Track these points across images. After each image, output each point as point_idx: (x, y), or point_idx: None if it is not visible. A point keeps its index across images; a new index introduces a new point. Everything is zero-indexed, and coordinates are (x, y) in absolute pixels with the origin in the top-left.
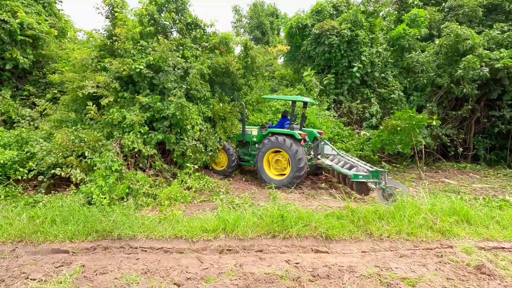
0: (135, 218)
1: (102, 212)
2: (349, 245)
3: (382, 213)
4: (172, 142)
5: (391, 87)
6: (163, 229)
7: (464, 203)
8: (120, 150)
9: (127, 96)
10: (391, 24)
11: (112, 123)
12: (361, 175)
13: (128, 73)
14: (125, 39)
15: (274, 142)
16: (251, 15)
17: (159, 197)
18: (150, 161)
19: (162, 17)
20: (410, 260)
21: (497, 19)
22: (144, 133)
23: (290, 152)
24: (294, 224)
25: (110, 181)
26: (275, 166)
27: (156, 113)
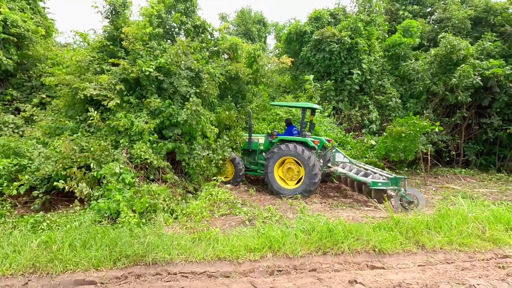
0: (169, 239)
1: (130, 233)
2: (402, 258)
3: (429, 223)
4: (185, 153)
5: (389, 94)
6: (202, 250)
7: (502, 210)
8: (129, 161)
9: (133, 101)
10: (385, 33)
11: (117, 129)
12: (380, 183)
13: (136, 75)
14: (134, 39)
15: (284, 150)
16: (238, 22)
17: (184, 212)
18: (160, 172)
19: (169, 18)
20: (474, 273)
21: (482, 31)
22: (153, 142)
23: (303, 159)
24: (344, 239)
25: (127, 195)
26: (286, 175)
27: (166, 119)
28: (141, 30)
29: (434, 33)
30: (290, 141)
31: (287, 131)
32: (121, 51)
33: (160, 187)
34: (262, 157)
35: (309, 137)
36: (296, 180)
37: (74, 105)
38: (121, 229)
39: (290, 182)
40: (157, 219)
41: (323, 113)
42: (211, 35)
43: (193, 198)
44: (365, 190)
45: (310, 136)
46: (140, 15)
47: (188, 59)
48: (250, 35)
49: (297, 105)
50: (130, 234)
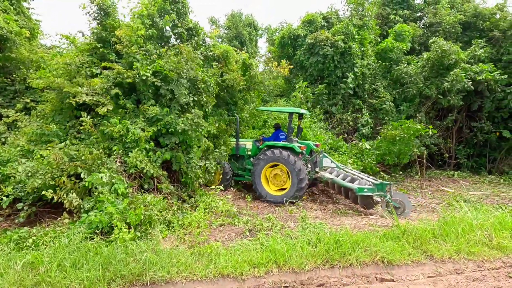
0: (167, 255)
1: (125, 250)
2: (411, 270)
3: (435, 231)
4: (182, 162)
5: (382, 98)
6: (203, 266)
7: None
8: (122, 169)
9: (129, 106)
10: (377, 37)
11: (110, 136)
12: (366, 189)
13: (132, 80)
14: (128, 42)
15: (270, 155)
16: (228, 25)
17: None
18: (155, 182)
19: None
20: (486, 284)
21: (472, 35)
22: (149, 150)
23: (289, 164)
24: (352, 250)
25: (121, 207)
26: (274, 181)
27: (163, 127)
28: (135, 32)
29: (425, 37)
30: (276, 146)
31: (273, 135)
32: (111, 54)
33: (155, 198)
34: (249, 163)
35: (296, 142)
36: (283, 186)
37: (61, 110)
38: (115, 245)
39: (276, 188)
40: (153, 233)
41: (313, 118)
42: (203, 41)
43: (189, 208)
44: (351, 196)
45: (297, 141)
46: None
47: (189, 67)
48: (241, 39)
49: (284, 110)
50: (125, 251)
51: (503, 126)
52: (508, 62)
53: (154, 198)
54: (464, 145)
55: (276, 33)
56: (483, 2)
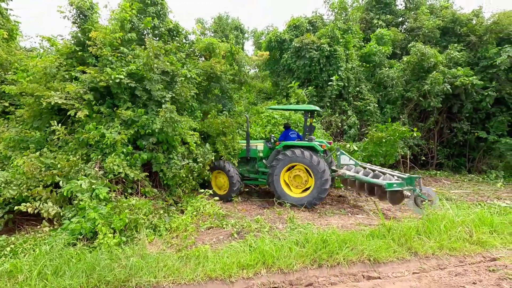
0: (154, 260)
1: (109, 255)
2: (397, 267)
3: (419, 228)
4: (161, 163)
5: (367, 100)
6: (190, 270)
7: (485, 213)
8: (102, 175)
9: (104, 111)
10: (361, 41)
11: (87, 142)
12: (395, 184)
13: (106, 83)
14: (102, 44)
15: (291, 156)
16: (215, 28)
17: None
18: (139, 186)
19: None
20: (468, 278)
21: (450, 40)
22: (127, 154)
23: (312, 165)
24: (339, 249)
25: (104, 211)
26: (293, 182)
27: (141, 128)
28: (109, 35)
29: (406, 41)
30: (296, 146)
31: (282, 134)
32: (91, 58)
33: (140, 201)
34: (262, 165)
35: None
36: (303, 188)
37: (40, 115)
38: (99, 251)
39: (297, 190)
40: (139, 237)
41: None
42: (186, 38)
43: (176, 212)
44: (377, 193)
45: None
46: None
47: (160, 62)
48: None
49: (298, 108)
50: (110, 256)
51: (481, 127)
52: (484, 66)
53: (139, 201)
54: (445, 145)
55: (263, 37)
56: (460, 8)
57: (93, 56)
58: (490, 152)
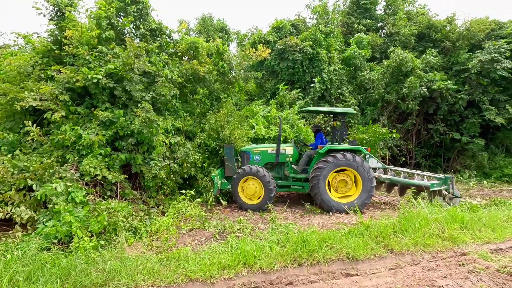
0: (133, 262)
1: (86, 259)
2: (374, 263)
3: (395, 226)
4: (141, 163)
5: (348, 102)
6: (170, 272)
7: (456, 210)
8: (79, 177)
9: (81, 111)
10: (342, 45)
11: (63, 144)
12: (436, 184)
13: (83, 83)
14: (78, 43)
15: (341, 159)
16: (199, 29)
17: (148, 230)
18: (118, 188)
19: (120, 22)
20: (440, 273)
21: (426, 45)
22: (105, 155)
23: (361, 170)
24: (319, 248)
25: (81, 215)
26: (336, 187)
27: (120, 129)
28: (86, 33)
29: (386, 46)
30: (344, 150)
31: (318, 138)
32: (69, 57)
33: (120, 203)
34: (291, 170)
35: None
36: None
37: (14, 116)
38: (75, 255)
39: (341, 195)
40: (118, 240)
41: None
42: (169, 38)
43: (157, 214)
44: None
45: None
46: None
47: (141, 62)
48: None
49: (335, 111)
50: (86, 260)
51: (455, 129)
52: (457, 71)
53: (118, 203)
54: (422, 146)
55: (246, 39)
56: (435, 15)
57: (71, 55)
58: (464, 153)
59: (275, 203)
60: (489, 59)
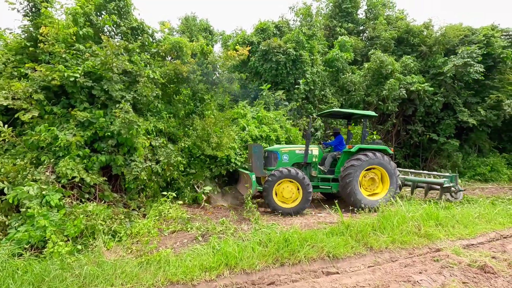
0: (111, 266)
1: (61, 265)
2: (354, 261)
3: (374, 225)
4: (120, 165)
5: (331, 104)
6: (151, 275)
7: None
8: (55, 180)
9: (58, 111)
10: (325, 47)
11: (38, 145)
12: (446, 181)
13: (59, 82)
14: (55, 41)
15: (373, 158)
16: (182, 29)
17: (129, 233)
18: (97, 190)
19: (100, 20)
20: (415, 269)
21: (405, 50)
22: (84, 157)
23: (389, 168)
24: (301, 247)
25: (56, 219)
26: (366, 186)
27: (99, 130)
28: (62, 30)
29: (367, 49)
30: (372, 149)
31: (338, 140)
32: (44, 54)
33: (98, 206)
34: (318, 170)
35: None
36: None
37: None
38: (49, 261)
39: (369, 193)
40: (95, 244)
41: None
42: (152, 37)
43: (138, 216)
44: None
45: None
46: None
47: (120, 61)
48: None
49: (361, 113)
50: (61, 265)
51: (432, 129)
52: (434, 74)
53: (97, 206)
54: (402, 146)
55: (231, 40)
56: (413, 20)
57: (47, 52)
58: (440, 153)
59: (261, 204)
60: (463, 63)
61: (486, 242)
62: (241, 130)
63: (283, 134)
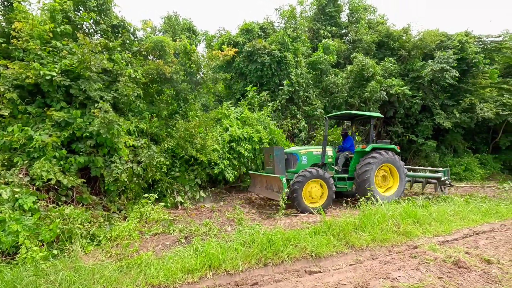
0: (89, 272)
1: (35, 271)
2: (336, 260)
3: (356, 223)
4: (100, 167)
5: (314, 105)
6: (131, 279)
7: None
8: (29, 183)
9: (32, 111)
10: (309, 50)
11: (10, 146)
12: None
13: (34, 80)
14: (29, 37)
15: (386, 156)
16: (165, 28)
17: (108, 236)
18: (75, 193)
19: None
20: (394, 266)
21: (385, 53)
22: (60, 158)
23: (398, 165)
24: (284, 247)
25: (30, 223)
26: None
27: (77, 130)
28: (38, 26)
29: (349, 52)
30: (383, 148)
31: (349, 141)
32: (18, 51)
33: (76, 210)
34: (332, 169)
35: None
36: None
37: None
38: (22, 267)
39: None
40: (72, 249)
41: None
42: (133, 35)
43: (119, 219)
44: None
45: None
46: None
47: (99, 59)
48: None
49: (367, 114)
50: (35, 272)
51: (411, 131)
52: (412, 77)
53: (74, 210)
54: None
55: (215, 40)
56: (393, 25)
57: (21, 49)
58: (419, 153)
59: (243, 205)
60: (439, 68)
61: (460, 239)
62: (224, 131)
63: (267, 135)
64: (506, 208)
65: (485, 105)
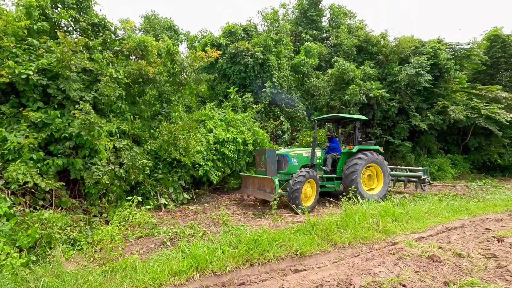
0: (72, 277)
1: (13, 278)
2: (320, 258)
3: (338, 222)
4: (79, 169)
5: (297, 107)
6: (116, 284)
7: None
8: (4, 186)
9: (6, 111)
10: (291, 52)
11: None
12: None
13: (8, 79)
14: (3, 34)
15: (370, 157)
16: (145, 27)
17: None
18: (53, 196)
19: (57, 13)
20: (375, 262)
21: (364, 57)
22: (37, 160)
23: (383, 165)
24: (270, 247)
25: (6, 229)
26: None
27: (56, 132)
28: (13, 23)
29: (330, 56)
30: (369, 149)
31: (334, 143)
32: None
33: (55, 214)
34: (321, 170)
35: None
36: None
37: None
38: (0, 274)
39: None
40: (53, 254)
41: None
42: (114, 34)
43: (100, 223)
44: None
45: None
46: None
47: (78, 59)
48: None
49: (353, 117)
50: (14, 279)
51: (389, 133)
52: (390, 81)
53: (53, 214)
54: None
55: (197, 41)
56: (371, 30)
57: None
58: (396, 154)
59: (228, 206)
60: (414, 73)
61: (434, 235)
62: (208, 132)
63: (251, 136)
64: (475, 205)
65: (456, 108)
